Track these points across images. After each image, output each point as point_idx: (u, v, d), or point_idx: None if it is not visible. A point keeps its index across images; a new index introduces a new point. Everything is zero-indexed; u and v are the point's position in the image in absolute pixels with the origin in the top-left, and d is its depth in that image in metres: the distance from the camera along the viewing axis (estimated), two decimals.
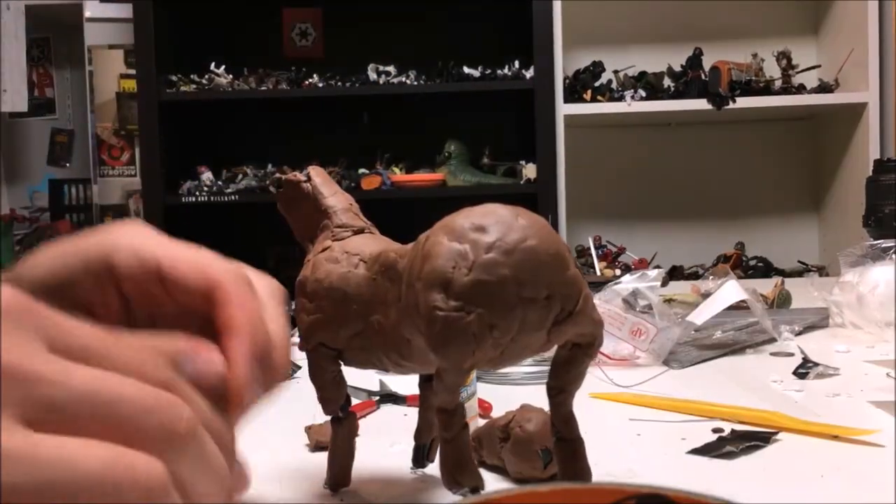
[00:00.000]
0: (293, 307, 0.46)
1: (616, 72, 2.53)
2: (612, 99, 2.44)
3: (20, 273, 0.34)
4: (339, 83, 2.45)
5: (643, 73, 2.52)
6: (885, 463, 0.51)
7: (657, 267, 1.70)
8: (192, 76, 2.46)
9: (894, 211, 1.55)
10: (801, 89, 2.45)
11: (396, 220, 1.91)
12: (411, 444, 0.60)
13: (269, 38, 2.64)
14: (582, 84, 2.46)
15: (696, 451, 0.54)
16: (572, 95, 2.44)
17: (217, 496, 0.27)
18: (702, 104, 2.38)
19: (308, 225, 0.50)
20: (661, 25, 2.70)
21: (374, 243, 0.46)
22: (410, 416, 0.68)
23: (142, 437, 0.25)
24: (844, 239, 2.29)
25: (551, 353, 0.40)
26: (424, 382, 0.48)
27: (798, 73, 2.47)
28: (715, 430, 0.58)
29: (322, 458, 0.57)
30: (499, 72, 2.42)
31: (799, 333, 1.00)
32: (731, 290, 0.95)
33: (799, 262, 2.57)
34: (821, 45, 2.68)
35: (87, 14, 2.78)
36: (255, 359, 0.31)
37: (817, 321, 1.07)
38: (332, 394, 0.47)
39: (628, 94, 2.42)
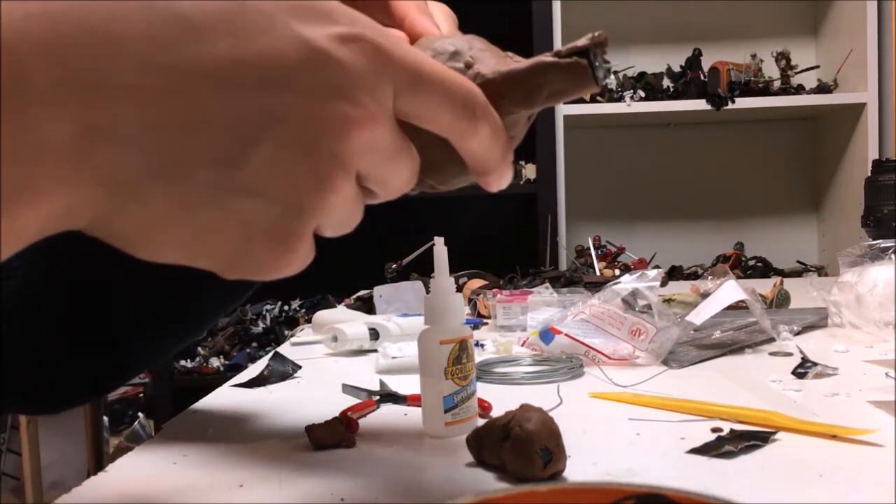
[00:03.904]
0: None
1: (616, 72, 2.53)
2: (611, 99, 2.44)
3: None
4: None
5: (642, 74, 2.53)
6: (885, 462, 0.51)
7: (656, 267, 1.71)
8: None
9: (893, 211, 1.56)
10: (800, 90, 2.45)
11: (396, 218, 1.91)
12: (411, 443, 0.60)
13: None
14: None
15: (695, 451, 0.54)
16: None
17: None
18: (701, 104, 2.39)
19: None
20: (660, 26, 2.70)
21: None
22: (410, 415, 0.68)
23: None
24: (843, 239, 2.29)
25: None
26: None
27: (797, 73, 2.48)
28: (714, 430, 0.58)
29: (322, 458, 0.57)
30: None
31: (798, 333, 1.00)
32: (730, 290, 0.95)
33: (798, 262, 2.58)
34: (820, 46, 2.68)
35: None
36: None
37: (816, 321, 1.07)
38: None
39: (628, 94, 2.43)
